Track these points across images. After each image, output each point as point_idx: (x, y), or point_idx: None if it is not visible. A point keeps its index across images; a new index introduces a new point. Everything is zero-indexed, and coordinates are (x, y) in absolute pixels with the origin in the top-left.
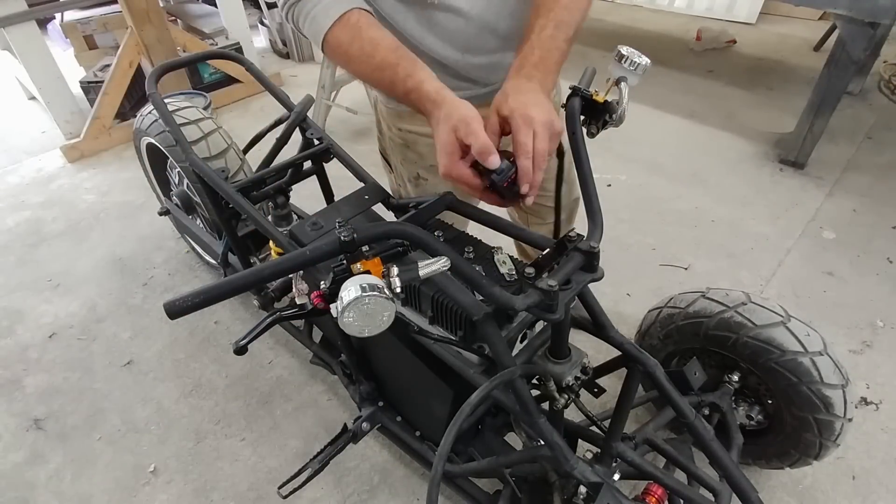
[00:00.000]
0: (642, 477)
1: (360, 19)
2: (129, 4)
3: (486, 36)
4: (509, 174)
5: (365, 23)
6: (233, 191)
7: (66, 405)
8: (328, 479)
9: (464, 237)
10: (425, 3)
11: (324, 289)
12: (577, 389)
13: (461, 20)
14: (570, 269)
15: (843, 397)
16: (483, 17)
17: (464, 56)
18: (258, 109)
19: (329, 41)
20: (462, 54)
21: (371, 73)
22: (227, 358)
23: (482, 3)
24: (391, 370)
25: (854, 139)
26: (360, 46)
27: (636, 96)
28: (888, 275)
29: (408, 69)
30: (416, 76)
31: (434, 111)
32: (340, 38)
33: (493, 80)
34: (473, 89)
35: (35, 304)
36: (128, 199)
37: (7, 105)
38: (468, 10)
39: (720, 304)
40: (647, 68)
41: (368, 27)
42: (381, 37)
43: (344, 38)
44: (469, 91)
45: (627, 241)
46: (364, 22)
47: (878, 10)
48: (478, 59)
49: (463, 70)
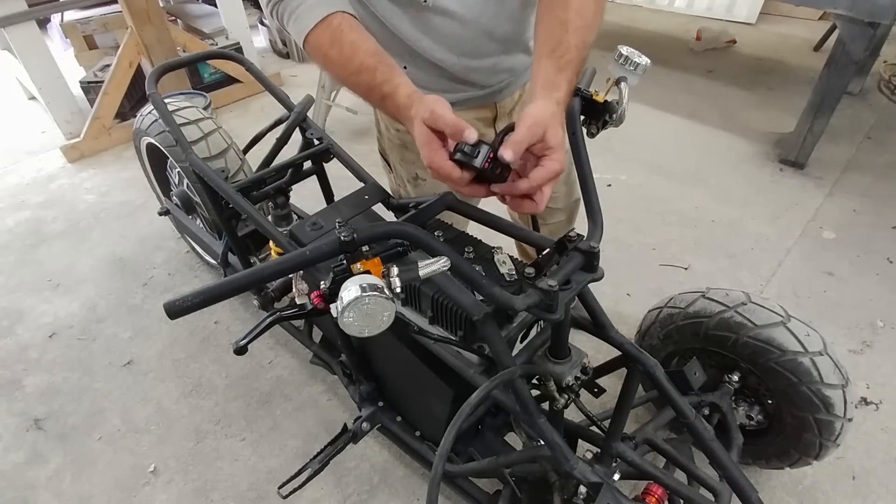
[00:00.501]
0: (642, 477)
1: (342, 22)
2: (129, 4)
3: (483, 40)
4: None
5: (347, 26)
6: (233, 191)
7: (66, 405)
8: (328, 479)
9: (464, 237)
10: (419, 5)
11: (324, 289)
12: (577, 389)
13: (456, 24)
14: (570, 269)
15: (843, 397)
16: (479, 21)
17: (460, 59)
18: (258, 109)
19: (310, 42)
20: (458, 57)
21: (349, 76)
22: (227, 358)
23: (478, 6)
24: (391, 370)
25: (854, 139)
26: (339, 49)
27: (636, 96)
28: (888, 275)
29: (385, 74)
30: (393, 82)
31: (407, 114)
32: (321, 39)
33: (492, 83)
34: (471, 91)
35: (35, 304)
36: (128, 199)
37: (7, 105)
38: (463, 14)
39: (720, 304)
40: (647, 68)
41: (350, 30)
42: (361, 40)
43: (324, 41)
44: (466, 94)
45: (627, 241)
46: (346, 25)
47: (878, 10)
48: (475, 62)
49: (460, 73)
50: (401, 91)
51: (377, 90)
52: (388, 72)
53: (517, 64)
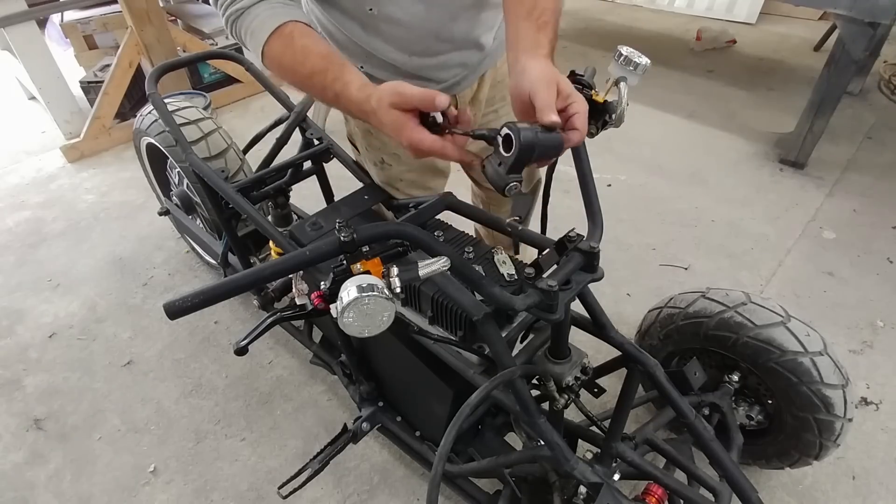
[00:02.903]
0: (642, 477)
1: (293, 30)
2: (129, 4)
3: (430, 41)
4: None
5: (298, 33)
6: (233, 191)
7: (66, 405)
8: (328, 479)
9: (464, 237)
10: (366, 13)
11: (324, 289)
12: (577, 389)
13: (403, 28)
14: (570, 269)
15: (843, 397)
16: (424, 25)
17: (411, 59)
18: (258, 109)
19: (266, 55)
20: (409, 57)
21: (303, 81)
22: (227, 358)
23: (421, 13)
24: (391, 370)
25: (854, 139)
26: (292, 55)
27: (636, 96)
28: (888, 275)
29: (335, 73)
30: (343, 79)
31: (365, 107)
32: (274, 50)
33: (447, 78)
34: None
35: (35, 304)
36: (128, 199)
37: (7, 105)
38: (408, 20)
39: (720, 305)
40: (646, 68)
41: (301, 36)
42: (312, 45)
43: (278, 49)
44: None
45: (627, 241)
46: (297, 32)
47: (878, 10)
48: (426, 60)
49: (413, 70)
50: (352, 86)
51: (329, 90)
52: (337, 70)
53: (469, 59)
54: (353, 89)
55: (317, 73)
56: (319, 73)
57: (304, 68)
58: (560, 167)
